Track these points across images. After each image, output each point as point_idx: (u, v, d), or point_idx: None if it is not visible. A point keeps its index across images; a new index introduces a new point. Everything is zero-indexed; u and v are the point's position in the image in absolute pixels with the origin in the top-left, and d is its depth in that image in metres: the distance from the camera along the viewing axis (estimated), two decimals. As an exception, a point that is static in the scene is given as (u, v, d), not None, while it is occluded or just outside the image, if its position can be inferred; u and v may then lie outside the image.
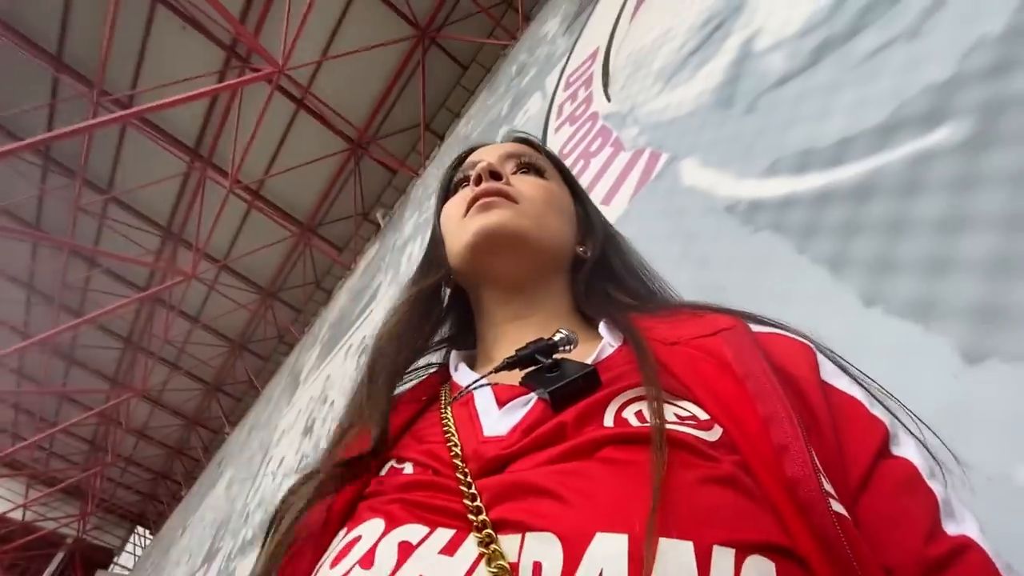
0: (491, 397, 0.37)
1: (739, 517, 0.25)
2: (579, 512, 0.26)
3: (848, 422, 0.32)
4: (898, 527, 0.28)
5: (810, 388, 0.33)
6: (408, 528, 0.29)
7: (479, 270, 0.47)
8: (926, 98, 1.00)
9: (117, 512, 14.31)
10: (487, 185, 0.46)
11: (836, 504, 0.27)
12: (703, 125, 1.54)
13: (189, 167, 7.05)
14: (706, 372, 0.34)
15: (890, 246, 0.92)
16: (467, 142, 4.78)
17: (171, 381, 10.49)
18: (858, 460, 0.31)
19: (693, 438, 0.29)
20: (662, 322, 0.41)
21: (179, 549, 7.60)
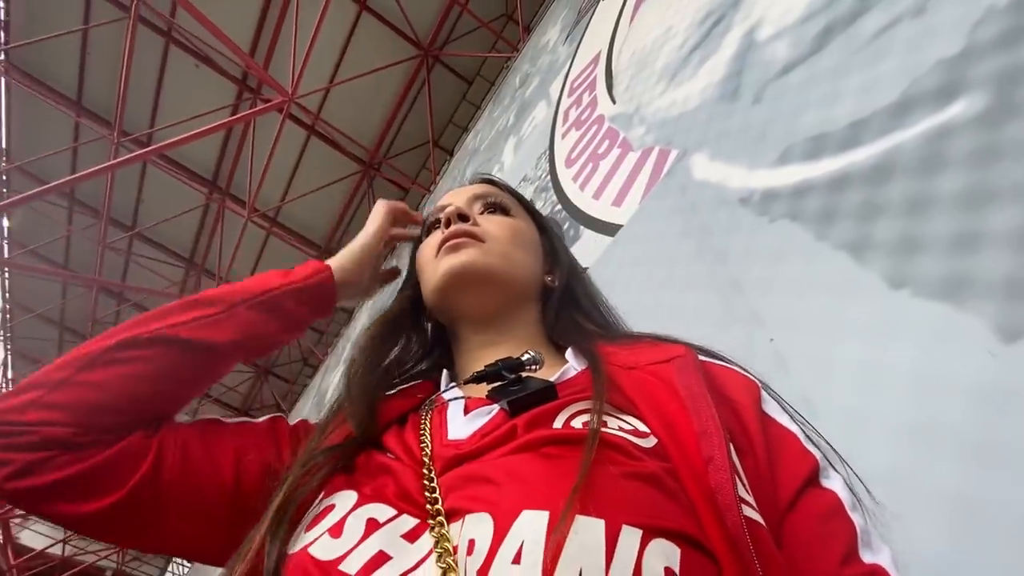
0: (460, 407, 0.42)
1: (652, 506, 0.29)
2: (511, 494, 0.29)
3: (783, 451, 0.36)
4: (819, 548, 0.32)
5: (748, 415, 0.37)
6: (377, 507, 0.33)
7: (451, 307, 0.52)
8: (938, 74, 0.98)
9: (155, 541, 14.51)
10: (455, 227, 0.51)
11: (749, 510, 0.30)
12: (710, 119, 1.53)
13: (208, 199, 7.24)
14: (654, 392, 0.37)
15: (914, 226, 0.90)
16: (476, 155, 4.83)
17: (201, 408, 10.68)
18: (788, 484, 0.34)
19: (625, 441, 0.32)
20: (623, 349, 0.45)
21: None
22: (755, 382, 0.41)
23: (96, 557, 13.42)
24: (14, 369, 9.53)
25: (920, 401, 0.76)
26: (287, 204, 7.37)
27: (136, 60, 5.48)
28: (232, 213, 7.08)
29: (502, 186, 0.62)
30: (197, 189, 7.08)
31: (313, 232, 8.05)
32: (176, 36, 5.86)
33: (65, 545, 11.99)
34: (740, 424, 0.36)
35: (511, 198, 0.60)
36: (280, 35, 5.63)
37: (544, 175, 2.53)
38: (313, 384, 8.26)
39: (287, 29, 5.28)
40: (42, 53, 5.77)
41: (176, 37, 5.87)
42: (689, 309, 1.28)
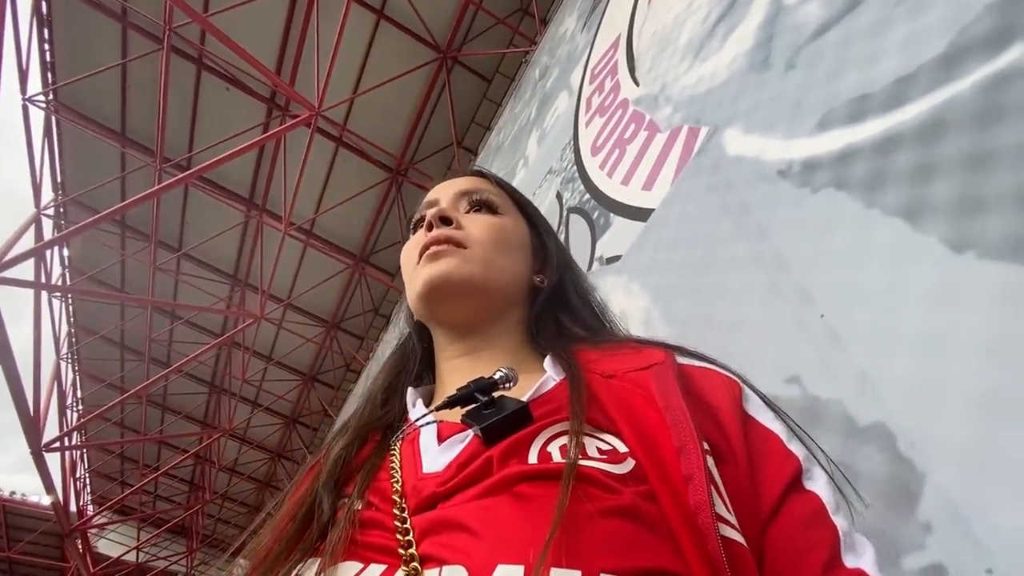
0: (434, 434, 0.40)
1: (630, 545, 0.27)
2: (486, 545, 0.28)
3: (764, 455, 0.35)
4: (801, 557, 0.31)
5: (728, 419, 0.36)
6: (344, 566, 0.31)
7: (430, 316, 0.51)
8: (988, 18, 0.91)
9: (220, 546, 15.26)
10: (436, 233, 0.49)
11: (728, 529, 0.29)
12: (741, 91, 1.47)
13: (247, 216, 7.51)
14: (634, 405, 0.36)
15: (974, 183, 0.83)
16: (500, 152, 4.82)
17: (253, 418, 11.12)
18: (770, 491, 0.33)
19: (601, 472, 0.31)
20: (605, 355, 0.43)
21: None
22: (736, 381, 0.40)
23: (167, 563, 14.19)
24: (82, 389, 10.17)
25: (994, 370, 0.71)
26: (321, 216, 7.57)
27: (172, 88, 5.74)
28: (270, 228, 7.32)
29: (492, 179, 0.60)
30: (235, 207, 7.36)
31: (347, 241, 8.24)
32: (206, 62, 6.10)
33: (139, 552, 12.72)
34: (720, 430, 0.35)
35: (500, 192, 0.58)
36: (303, 51, 5.78)
37: (570, 166, 2.50)
38: (356, 390, 8.46)
39: (309, 45, 5.41)
40: (86, 90, 6.11)
41: (206, 63, 6.10)
42: (733, 289, 1.23)
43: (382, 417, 0.48)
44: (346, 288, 8.93)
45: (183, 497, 13.22)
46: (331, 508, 0.36)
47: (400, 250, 2.69)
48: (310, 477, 0.42)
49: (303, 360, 10.28)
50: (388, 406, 0.50)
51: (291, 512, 0.39)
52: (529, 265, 0.54)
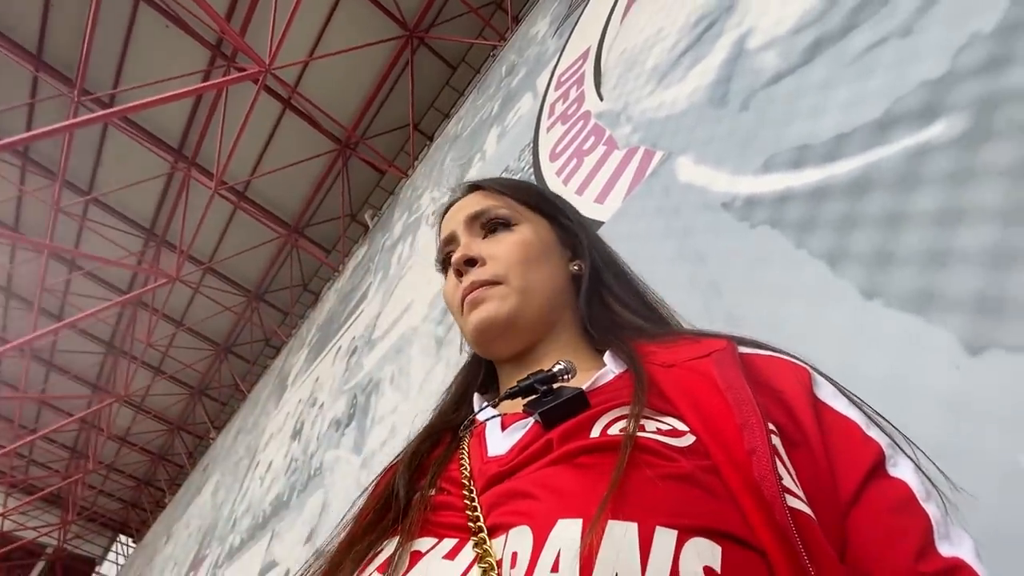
0: (498, 423, 0.42)
1: (688, 505, 0.28)
2: (547, 505, 0.29)
3: (842, 440, 0.34)
4: (890, 544, 0.30)
5: (798, 404, 0.35)
6: (420, 541, 0.34)
7: (489, 355, 0.52)
8: (921, 94, 1.01)
9: (99, 520, 14.00)
10: (467, 282, 0.49)
11: (795, 501, 0.29)
12: (697, 123, 1.54)
13: (173, 168, 6.93)
14: (694, 388, 0.36)
15: (889, 239, 0.93)
16: (457, 142, 4.76)
17: (154, 386, 10.29)
18: (850, 476, 0.32)
19: (659, 443, 0.32)
20: (663, 347, 0.44)
21: (163, 557, 7.45)
22: (805, 368, 0.39)
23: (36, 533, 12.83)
24: (-50, 335, 8.97)
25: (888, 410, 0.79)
26: (257, 179, 7.13)
27: (102, 14, 5.17)
28: (198, 184, 6.80)
29: (494, 188, 0.56)
30: (161, 157, 6.77)
31: (283, 210, 7.82)
32: (147, -7, 5.56)
33: (4, 520, 11.41)
34: (790, 415, 0.34)
35: (507, 200, 0.55)
36: (259, 1, 5.41)
37: (527, 167, 2.51)
38: (275, 366, 8.06)
39: (267, -4, 5.08)
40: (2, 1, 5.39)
41: (147, -6, 5.57)
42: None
43: (452, 420, 0.50)
44: (275, 258, 8.47)
45: (62, 464, 11.99)
46: (407, 496, 0.39)
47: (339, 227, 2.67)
48: (388, 476, 0.45)
49: (218, 329, 9.64)
50: (458, 413, 0.52)
51: (371, 505, 0.41)
52: (563, 261, 0.53)
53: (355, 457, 2.84)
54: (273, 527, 3.55)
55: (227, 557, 4.30)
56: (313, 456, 3.58)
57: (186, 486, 9.72)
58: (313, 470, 3.41)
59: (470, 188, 0.58)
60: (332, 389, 4.10)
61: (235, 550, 4.19)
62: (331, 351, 4.92)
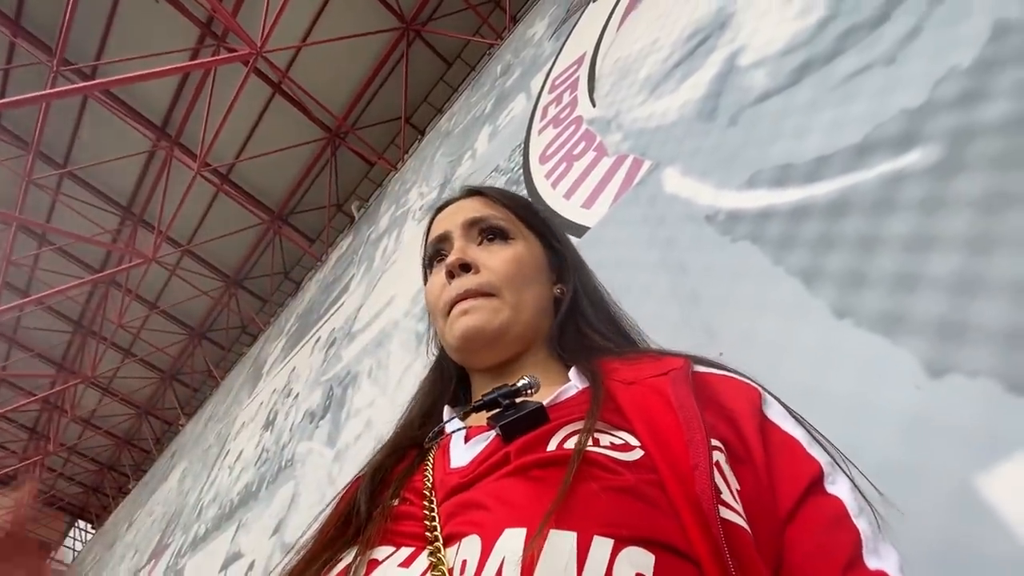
0: (462, 436, 0.43)
1: (626, 516, 0.29)
2: (496, 516, 0.31)
3: (784, 458, 0.36)
4: (820, 558, 0.32)
5: (745, 422, 0.37)
6: (377, 549, 0.35)
7: (467, 363, 0.53)
8: (900, 122, 1.05)
9: (57, 505, 13.59)
10: (461, 289, 0.49)
11: (730, 514, 0.31)
12: (686, 135, 1.57)
13: (154, 146, 6.77)
14: (649, 406, 0.38)
15: (862, 261, 0.96)
16: (449, 138, 4.75)
17: (123, 368, 10.03)
18: (788, 493, 0.34)
19: (607, 458, 0.33)
20: (627, 365, 0.45)
21: (124, 544, 7.27)
22: (755, 388, 0.41)
23: (-13, 516, 12.38)
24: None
25: (851, 426, 0.82)
26: (242, 163, 7.01)
27: (88, -16, 5.03)
28: (180, 165, 6.66)
29: (495, 198, 0.57)
30: (143, 134, 6.61)
31: (267, 196, 7.70)
32: (136, -35, 5.42)
33: (-49, 501, 10.99)
34: (736, 432, 0.36)
35: (506, 213, 0.56)
36: (254, -17, 5.32)
37: (517, 168, 2.52)
38: (251, 353, 7.93)
39: (262, -22, 4.99)
40: (-23, -41, 5.20)
41: (136, -34, 5.43)
42: (647, 317, 1.31)
43: (417, 436, 0.50)
44: (256, 245, 8.34)
45: (20, 445, 11.61)
46: (367, 510, 0.40)
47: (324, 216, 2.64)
48: (351, 491, 0.45)
49: (193, 313, 9.45)
50: (424, 427, 0.52)
51: (332, 520, 0.42)
52: (549, 282, 0.55)
53: (328, 450, 2.81)
54: (240, 518, 3.50)
55: (191, 547, 4.22)
56: (285, 447, 3.54)
57: (152, 472, 9.50)
58: (284, 461, 3.37)
59: (470, 192, 0.59)
60: (308, 380, 4.05)
61: (199, 539, 4.11)
62: (309, 341, 4.86)
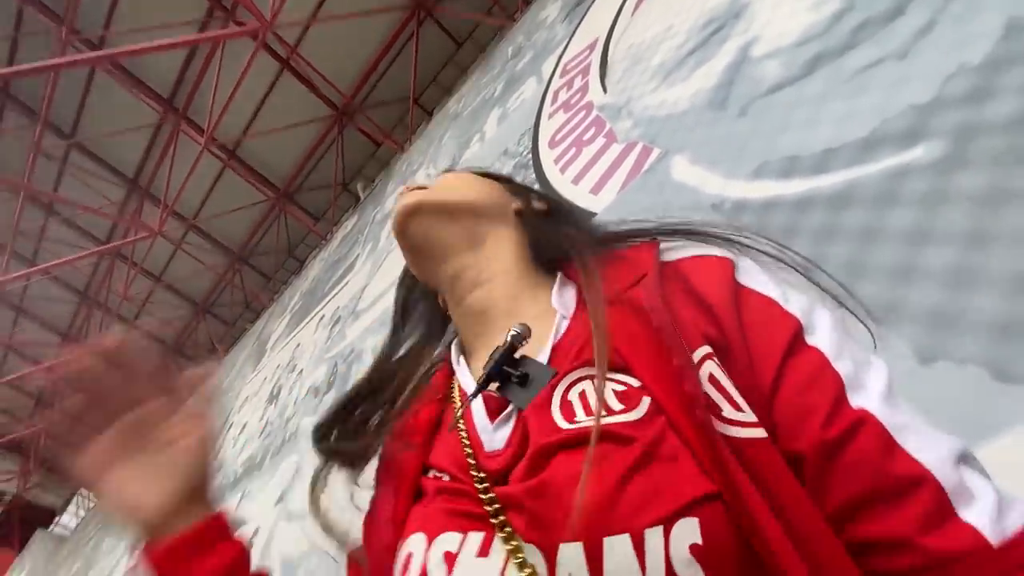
0: (483, 412, 0.40)
1: (660, 493, 0.29)
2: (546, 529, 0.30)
3: (760, 327, 0.34)
4: (803, 419, 0.31)
5: (723, 310, 0.35)
6: (445, 537, 0.34)
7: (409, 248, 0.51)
8: (908, 117, 1.07)
9: (61, 471, 13.81)
10: (405, 186, 0.52)
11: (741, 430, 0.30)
12: (696, 124, 1.59)
13: (162, 119, 6.76)
14: (635, 334, 0.36)
15: (862, 252, 0.99)
16: (457, 120, 4.73)
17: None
18: (767, 365, 0.33)
19: (619, 426, 0.32)
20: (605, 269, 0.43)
21: (128, 511, 7.43)
22: (726, 259, 0.39)
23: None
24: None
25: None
26: (249, 139, 7.00)
27: (98, -48, 4.99)
28: (187, 139, 6.65)
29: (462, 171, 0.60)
30: (151, 106, 6.60)
31: (273, 173, 7.70)
32: (146, -66, 5.36)
33: (-41, 464, 11.22)
34: (715, 322, 0.35)
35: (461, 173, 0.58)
36: (264, -44, 5.26)
37: (526, 152, 2.53)
38: (254, 330, 8.01)
39: (273, -49, 4.94)
40: (-14, -77, 5.15)
41: (146, -65, 5.37)
42: (651, 301, 1.35)
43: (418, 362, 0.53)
44: (262, 222, 8.36)
45: (26, 412, 11.78)
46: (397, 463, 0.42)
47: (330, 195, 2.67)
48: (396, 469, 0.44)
49: (198, 288, 9.52)
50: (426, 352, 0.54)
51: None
52: (505, 202, 0.53)
53: (332, 424, 2.88)
54: (244, 487, 3.59)
55: (195, 514, 4.33)
56: (289, 421, 3.61)
57: (155, 443, 9.65)
58: (288, 434, 3.44)
59: None
60: (313, 356, 4.11)
61: (203, 507, 4.22)
62: (314, 319, 4.91)
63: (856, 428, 0.30)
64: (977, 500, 0.28)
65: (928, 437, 0.29)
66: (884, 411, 0.30)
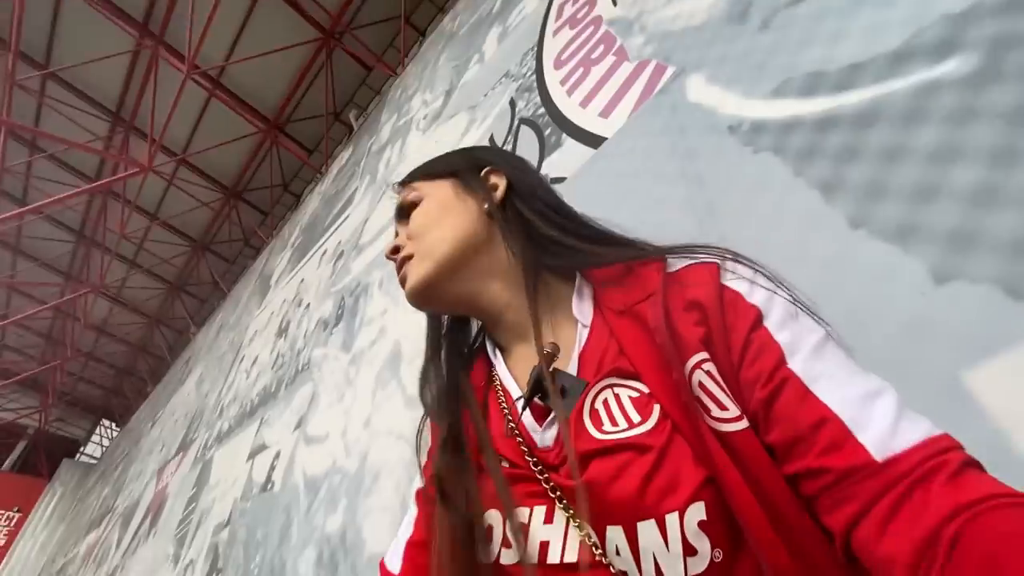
0: (531, 417, 0.47)
1: (673, 488, 0.37)
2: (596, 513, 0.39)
3: (732, 319, 0.40)
4: (752, 386, 0.38)
5: (710, 309, 0.41)
6: (518, 511, 0.42)
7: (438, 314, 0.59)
8: (941, 27, 1.01)
9: (81, 405, 14.38)
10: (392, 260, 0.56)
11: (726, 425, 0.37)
12: (714, 39, 1.50)
13: (138, 44, 6.37)
14: (644, 345, 0.42)
15: (884, 173, 0.97)
16: (453, 40, 4.47)
17: (130, 279, 10.18)
18: (735, 350, 0.39)
19: (638, 438, 0.39)
20: (613, 283, 0.48)
21: (150, 440, 7.82)
22: (713, 264, 0.45)
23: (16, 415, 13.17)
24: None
25: (856, 328, 0.88)
26: (232, 65, 6.64)
27: None
28: (168, 67, 6.31)
29: (406, 180, 0.60)
30: (125, 30, 6.19)
31: (261, 103, 7.38)
32: None
33: (-19, 401, 11.63)
34: (706, 323, 0.41)
35: (415, 183, 0.58)
36: None
37: (529, 73, 2.42)
38: (255, 266, 8.01)
39: None
40: None
41: None
42: (663, 229, 1.35)
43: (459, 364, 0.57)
44: (254, 155, 8.13)
45: (38, 351, 12.07)
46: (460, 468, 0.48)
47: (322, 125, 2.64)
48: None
49: (196, 225, 9.42)
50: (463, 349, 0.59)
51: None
52: (472, 205, 0.54)
53: (344, 355, 2.96)
54: (262, 415, 3.75)
55: (216, 440, 4.55)
56: (300, 352, 3.71)
57: (168, 377, 9.98)
58: (301, 365, 3.55)
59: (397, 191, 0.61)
60: (318, 291, 4.15)
61: (223, 435, 4.43)
62: (316, 254, 4.91)
63: (781, 385, 0.36)
64: (872, 425, 0.33)
65: (839, 381, 0.35)
66: (805, 366, 0.37)
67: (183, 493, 4.58)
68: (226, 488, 3.60)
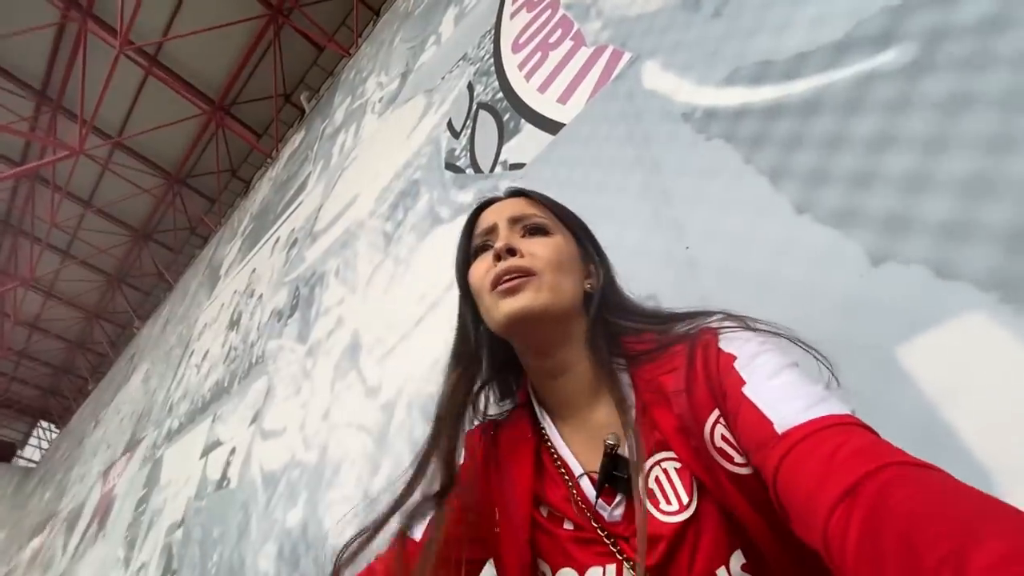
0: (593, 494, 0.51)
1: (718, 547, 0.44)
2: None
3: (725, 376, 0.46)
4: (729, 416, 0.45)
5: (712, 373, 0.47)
6: (592, 571, 0.48)
7: (515, 342, 0.59)
8: (881, 19, 1.06)
9: (15, 407, 13.47)
10: (508, 264, 0.54)
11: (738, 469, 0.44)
12: (669, 26, 1.52)
13: (64, 16, 5.88)
14: (668, 417, 0.49)
15: (826, 160, 1.01)
16: (408, 20, 4.35)
17: (64, 271, 9.54)
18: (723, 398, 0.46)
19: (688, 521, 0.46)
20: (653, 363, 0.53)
21: (94, 440, 7.42)
22: (713, 330, 0.51)
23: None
24: None
25: (799, 309, 0.92)
26: (170, 41, 6.24)
27: None
28: (99, 41, 5.86)
29: (536, 199, 0.64)
30: (49, 1, 5.70)
31: (204, 82, 6.98)
32: None
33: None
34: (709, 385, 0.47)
35: (546, 212, 0.62)
36: None
37: (487, 57, 2.38)
38: (203, 255, 7.65)
39: None
40: None
41: None
42: (619, 214, 1.36)
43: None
44: (198, 139, 7.71)
45: (-38, 349, 11.17)
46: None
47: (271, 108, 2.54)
48: None
49: (136, 213, 8.89)
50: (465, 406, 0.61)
51: None
52: (581, 276, 0.59)
53: (300, 346, 2.88)
54: (214, 411, 3.62)
55: (166, 439, 4.37)
56: (254, 345, 3.58)
57: (111, 374, 9.46)
58: (255, 358, 3.43)
59: (514, 193, 0.65)
60: (271, 281, 4.01)
61: (174, 432, 4.25)
62: (268, 242, 4.73)
63: (738, 408, 0.43)
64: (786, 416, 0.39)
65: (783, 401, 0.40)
66: (757, 390, 0.42)
67: (132, 494, 4.39)
68: (179, 487, 3.47)
